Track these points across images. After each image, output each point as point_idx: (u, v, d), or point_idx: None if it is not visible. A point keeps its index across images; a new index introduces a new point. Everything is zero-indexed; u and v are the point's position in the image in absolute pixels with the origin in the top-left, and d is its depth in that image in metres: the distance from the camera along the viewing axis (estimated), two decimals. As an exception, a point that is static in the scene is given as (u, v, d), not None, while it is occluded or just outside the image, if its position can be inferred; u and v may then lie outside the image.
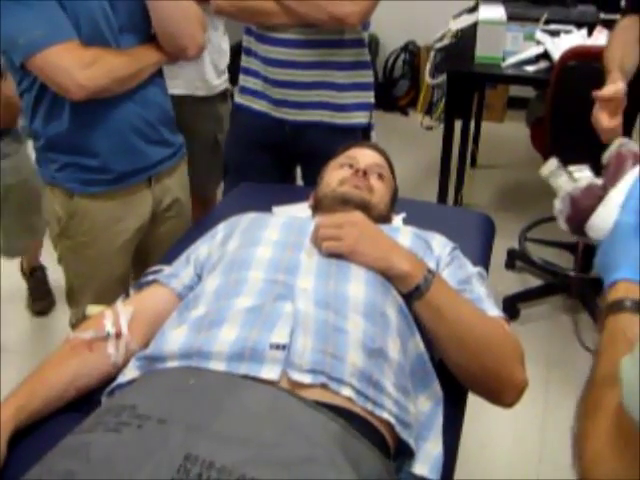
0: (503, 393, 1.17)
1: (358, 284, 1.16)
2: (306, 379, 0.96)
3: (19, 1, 1.42)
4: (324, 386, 0.96)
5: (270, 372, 0.96)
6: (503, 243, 2.87)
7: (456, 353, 1.16)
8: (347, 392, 0.96)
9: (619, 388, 0.57)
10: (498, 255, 2.97)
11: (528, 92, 3.62)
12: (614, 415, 0.58)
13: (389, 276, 1.18)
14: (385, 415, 0.98)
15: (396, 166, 1.59)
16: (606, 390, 0.63)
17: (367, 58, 1.97)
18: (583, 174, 0.93)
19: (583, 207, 0.88)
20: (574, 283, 2.82)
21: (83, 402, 1.14)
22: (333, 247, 1.20)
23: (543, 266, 2.97)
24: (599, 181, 0.90)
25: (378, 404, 0.98)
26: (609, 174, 0.87)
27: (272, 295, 1.10)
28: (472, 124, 3.67)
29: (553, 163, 0.99)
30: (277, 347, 0.99)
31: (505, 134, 4.44)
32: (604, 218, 0.83)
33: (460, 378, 1.19)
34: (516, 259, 3.07)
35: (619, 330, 0.71)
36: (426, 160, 3.90)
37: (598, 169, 0.94)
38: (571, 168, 0.96)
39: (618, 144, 0.91)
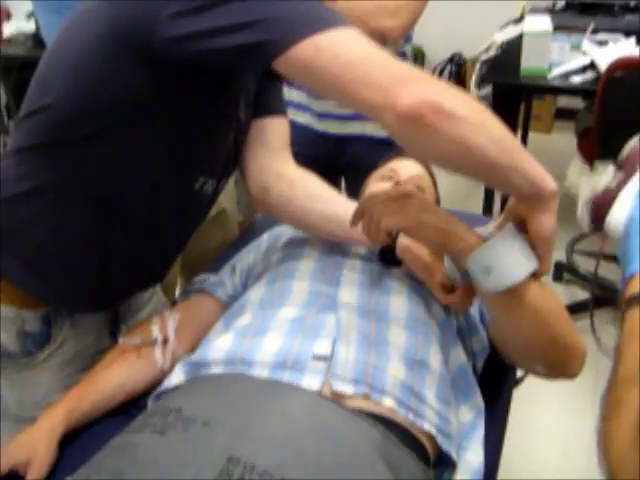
0: (570, 362, 1.12)
1: (400, 295, 1.17)
2: (348, 390, 0.96)
3: None
4: (366, 396, 0.96)
5: (311, 382, 0.97)
6: (550, 255, 2.83)
7: (528, 325, 1.06)
8: (389, 403, 0.97)
9: None
10: (545, 267, 2.94)
11: (577, 103, 3.58)
12: (637, 414, 0.58)
13: (452, 250, 1.07)
14: (426, 426, 0.98)
15: (441, 177, 1.60)
16: (628, 388, 0.63)
17: (409, 71, 1.97)
18: (606, 174, 0.94)
19: (603, 208, 0.89)
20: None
21: (130, 406, 1.18)
22: (394, 222, 1.08)
23: (591, 279, 2.92)
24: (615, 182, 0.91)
25: (419, 415, 0.99)
26: (625, 172, 0.89)
27: (315, 306, 1.12)
28: (519, 135, 3.64)
29: (577, 164, 1.00)
30: (319, 358, 1.00)
31: (553, 145, 4.39)
32: (618, 215, 0.85)
33: (524, 356, 1.13)
34: (564, 271, 3.03)
35: (637, 326, 0.70)
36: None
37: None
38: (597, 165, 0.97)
39: (636, 141, 0.92)
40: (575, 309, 2.78)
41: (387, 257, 1.24)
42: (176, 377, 1.09)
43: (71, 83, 1.02)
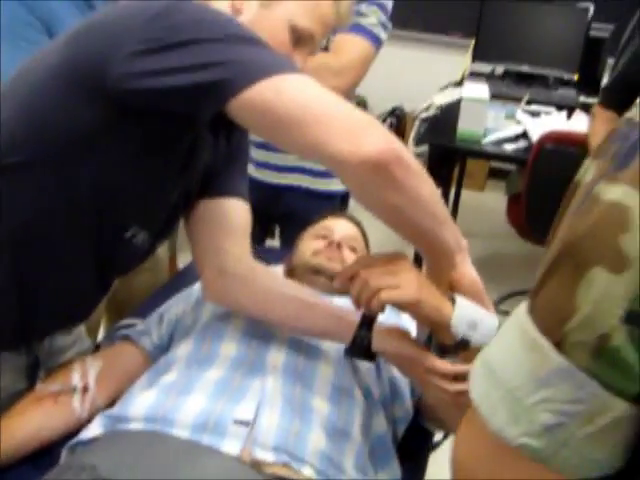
0: None
1: (328, 363, 1.18)
2: (268, 457, 0.96)
3: None
4: (286, 465, 0.97)
5: (231, 446, 0.96)
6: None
7: None
8: (308, 472, 0.97)
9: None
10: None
11: (509, 165, 3.71)
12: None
13: (439, 327, 1.03)
14: None
15: (374, 233, 1.63)
16: None
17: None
18: None
19: None
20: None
21: (44, 454, 1.14)
22: (395, 297, 1.00)
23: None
24: None
25: None
26: None
27: (242, 369, 1.11)
28: (453, 192, 3.74)
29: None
30: (240, 423, 1.00)
31: (485, 203, 4.52)
32: None
33: None
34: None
35: None
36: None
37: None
38: None
39: None
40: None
41: (358, 351, 1.08)
42: (94, 429, 1.07)
43: (17, 109, 1.00)
